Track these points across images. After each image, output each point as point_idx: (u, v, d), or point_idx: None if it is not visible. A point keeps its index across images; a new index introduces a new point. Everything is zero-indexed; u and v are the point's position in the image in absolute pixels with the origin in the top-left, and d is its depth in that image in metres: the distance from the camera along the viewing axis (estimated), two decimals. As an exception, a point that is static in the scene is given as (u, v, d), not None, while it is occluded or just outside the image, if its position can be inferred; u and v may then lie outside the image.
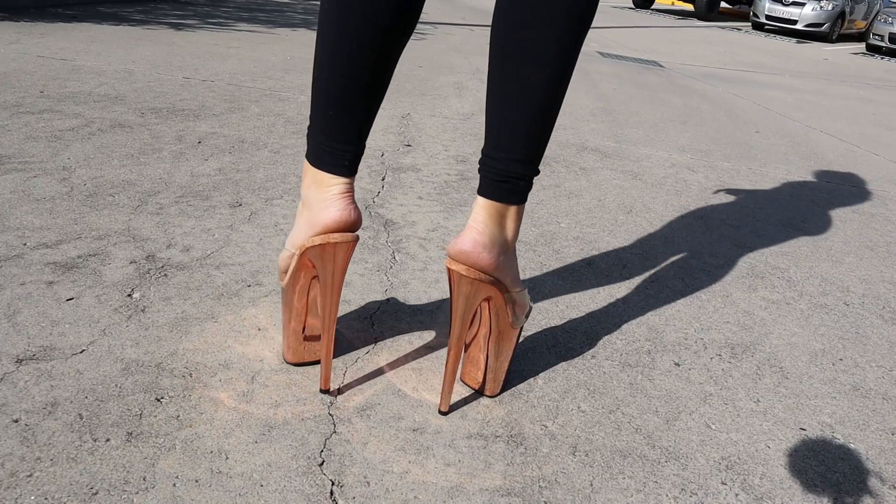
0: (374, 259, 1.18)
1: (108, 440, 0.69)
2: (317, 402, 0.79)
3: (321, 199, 0.73)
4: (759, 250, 1.48)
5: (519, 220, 0.74)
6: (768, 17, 10.62)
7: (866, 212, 1.89)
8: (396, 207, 1.43)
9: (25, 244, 1.05)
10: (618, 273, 1.26)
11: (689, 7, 13.12)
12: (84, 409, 0.73)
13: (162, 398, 0.76)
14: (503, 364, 0.82)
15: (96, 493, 0.63)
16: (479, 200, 0.72)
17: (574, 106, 2.84)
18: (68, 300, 0.92)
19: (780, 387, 0.96)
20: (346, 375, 0.85)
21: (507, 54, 0.68)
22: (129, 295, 0.96)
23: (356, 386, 0.83)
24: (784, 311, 1.20)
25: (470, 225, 0.72)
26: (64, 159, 1.42)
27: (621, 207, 1.64)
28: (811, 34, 10.48)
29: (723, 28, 10.45)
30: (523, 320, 0.80)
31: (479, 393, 0.85)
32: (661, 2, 14.26)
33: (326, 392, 0.80)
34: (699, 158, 2.24)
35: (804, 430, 0.87)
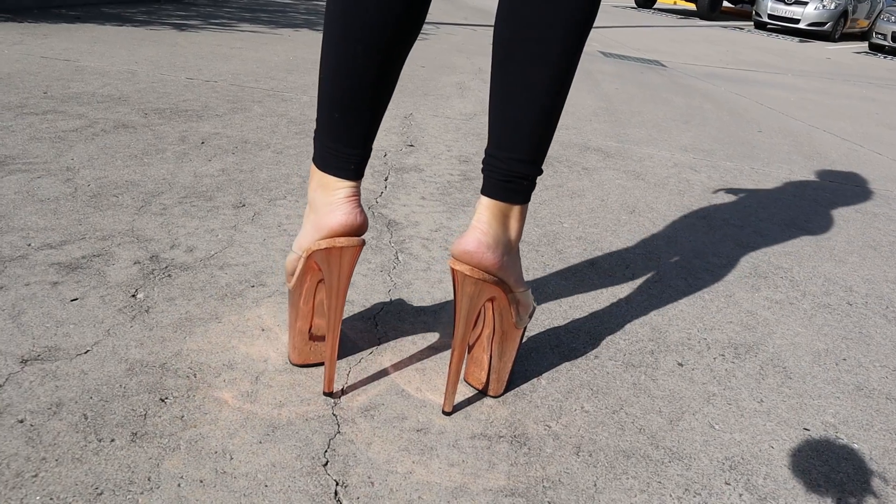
0: (378, 259, 1.18)
1: (113, 440, 0.69)
2: (321, 403, 0.79)
3: (327, 203, 0.73)
4: (762, 250, 1.48)
5: (522, 220, 0.74)
6: (771, 17, 10.61)
7: (869, 211, 1.89)
8: (399, 208, 1.43)
9: (30, 245, 1.06)
10: (621, 273, 1.26)
11: (692, 6, 13.10)
12: (89, 410, 0.73)
13: (166, 398, 0.76)
14: (507, 364, 0.82)
15: (101, 494, 0.63)
16: (483, 200, 0.72)
17: (576, 106, 2.84)
18: (73, 301, 0.93)
19: (784, 387, 0.96)
20: (350, 376, 0.85)
21: (510, 54, 0.68)
22: (134, 295, 0.96)
23: (360, 386, 0.83)
24: (787, 311, 1.20)
25: (474, 225, 0.72)
26: (68, 160, 1.43)
27: (624, 207, 1.64)
28: (814, 33, 10.46)
29: (725, 27, 10.43)
30: (527, 320, 0.81)
31: (483, 393, 0.85)
32: (663, 1, 14.25)
33: (330, 395, 0.80)
34: (702, 158, 2.24)
35: (808, 431, 0.87)
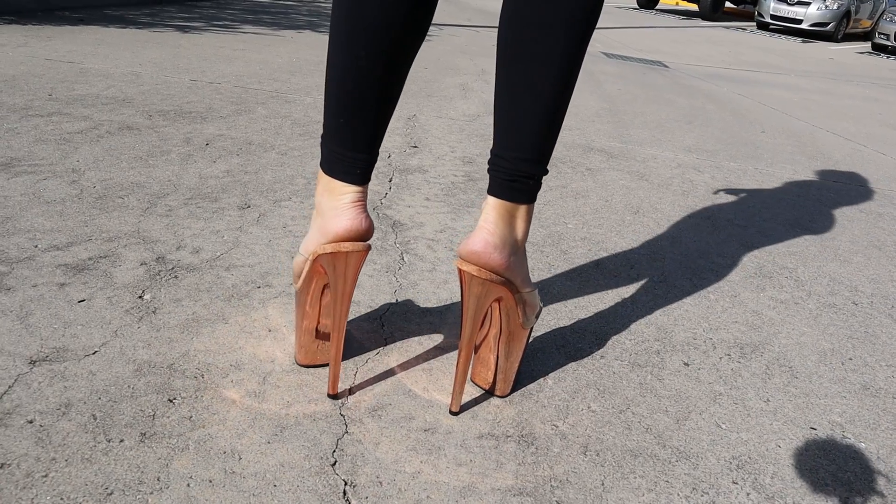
0: (383, 260, 1.18)
1: (122, 441, 0.70)
2: (328, 403, 0.80)
3: (333, 208, 0.74)
4: (767, 250, 1.48)
5: (529, 220, 0.74)
6: (773, 17, 10.60)
7: (873, 211, 1.88)
8: (404, 209, 1.43)
9: (37, 246, 1.06)
10: (626, 273, 1.26)
11: (694, 7, 13.10)
12: (97, 410, 0.73)
13: (174, 399, 0.77)
14: (513, 364, 0.82)
15: (111, 494, 0.63)
16: (490, 200, 0.72)
17: (579, 107, 2.84)
18: (80, 302, 0.93)
19: (790, 386, 0.96)
20: (357, 376, 0.85)
21: (514, 55, 0.68)
22: (140, 296, 0.97)
23: (367, 386, 0.84)
24: (792, 311, 1.20)
25: (480, 225, 0.72)
26: (73, 162, 1.43)
27: (628, 208, 1.64)
28: (816, 33, 10.45)
29: (727, 28, 10.43)
30: (533, 321, 0.81)
31: (490, 393, 0.85)
32: (666, 2, 14.24)
33: (334, 396, 0.80)
34: (705, 158, 2.24)
35: (814, 430, 0.87)
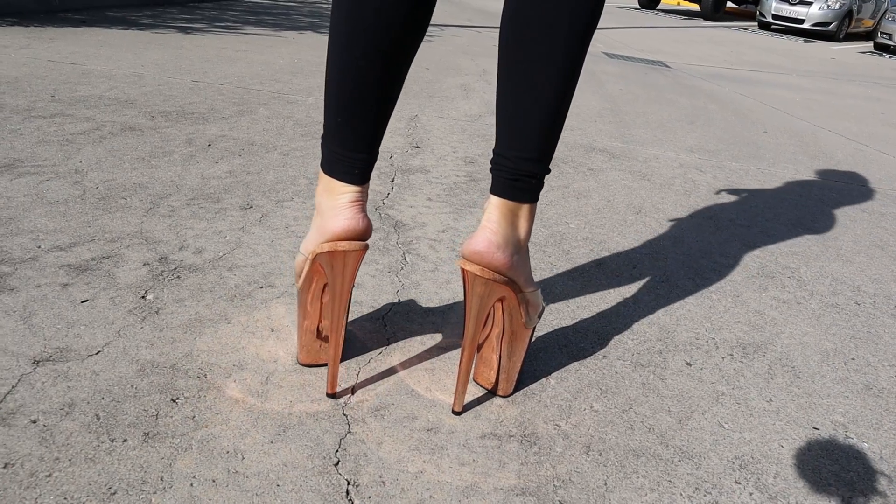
0: (385, 260, 1.18)
1: (126, 440, 0.70)
2: (331, 403, 0.80)
3: (331, 207, 0.74)
4: (769, 250, 1.48)
5: (531, 220, 0.74)
6: (775, 17, 10.59)
7: (876, 211, 1.88)
8: (406, 209, 1.43)
9: (40, 247, 1.06)
10: (628, 273, 1.26)
11: (695, 7, 13.09)
12: (101, 410, 0.73)
13: (177, 399, 0.77)
14: (516, 364, 0.82)
15: (115, 493, 0.63)
16: (492, 200, 0.72)
17: (581, 107, 2.84)
18: (83, 302, 0.93)
19: (793, 386, 0.96)
20: (360, 376, 0.85)
21: (516, 55, 0.68)
22: (143, 297, 0.97)
23: (370, 386, 0.84)
24: (795, 311, 1.20)
25: (483, 225, 0.72)
26: (76, 163, 1.43)
27: (630, 208, 1.64)
28: (818, 33, 10.44)
29: (729, 28, 10.42)
30: (536, 320, 0.81)
31: (492, 393, 0.85)
32: (667, 2, 14.24)
33: (333, 396, 0.80)
34: (707, 158, 2.24)
35: (817, 430, 0.87)
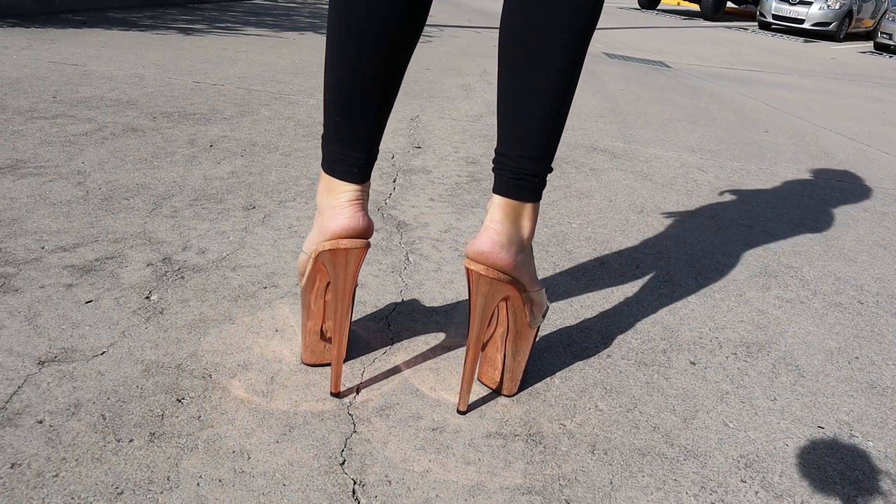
0: (388, 260, 1.18)
1: (132, 440, 0.70)
2: (336, 402, 0.80)
3: (332, 207, 0.74)
4: (772, 249, 1.48)
5: (534, 219, 0.74)
6: (775, 17, 10.59)
7: (878, 210, 1.88)
8: (408, 209, 1.43)
9: (43, 247, 1.06)
10: (631, 273, 1.26)
11: (695, 7, 13.09)
12: (107, 410, 0.73)
13: (183, 399, 0.77)
14: (520, 364, 0.82)
15: (122, 493, 0.63)
16: (495, 199, 0.73)
17: (582, 107, 2.84)
18: (87, 303, 0.93)
19: (797, 385, 0.96)
20: (364, 375, 0.86)
21: (516, 55, 0.68)
22: (147, 297, 0.97)
23: (375, 386, 0.84)
24: (798, 310, 1.20)
25: (487, 225, 0.72)
26: (78, 163, 1.43)
27: (632, 208, 1.64)
28: (818, 33, 10.44)
29: (729, 28, 10.43)
30: (540, 320, 0.81)
31: (497, 392, 0.85)
32: (667, 2, 14.24)
33: (337, 395, 0.80)
34: (709, 158, 2.24)
35: (822, 429, 0.87)
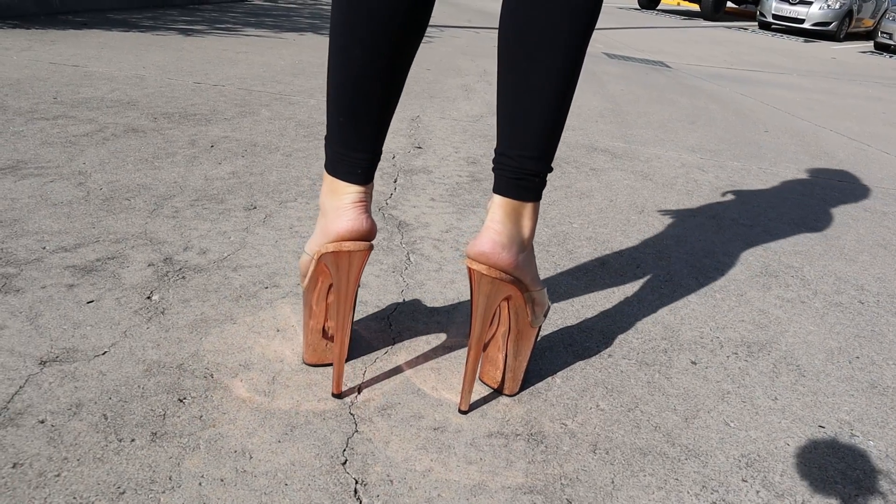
0: (389, 260, 1.18)
1: (134, 440, 0.70)
2: (338, 402, 0.80)
3: (335, 208, 0.74)
4: (772, 249, 1.48)
5: (535, 218, 0.74)
6: (775, 17, 10.59)
7: (878, 210, 1.88)
8: (409, 209, 1.43)
9: (45, 248, 1.07)
10: (632, 273, 1.27)
11: (695, 7, 13.09)
12: (108, 410, 0.74)
13: (184, 399, 0.77)
14: (522, 363, 0.82)
15: (124, 493, 0.63)
16: (496, 199, 0.73)
17: (582, 107, 2.84)
18: (89, 303, 0.93)
19: (798, 385, 0.96)
20: (366, 375, 0.86)
21: (515, 54, 0.69)
22: (149, 297, 0.97)
23: (376, 386, 0.84)
24: (799, 310, 1.20)
25: (487, 225, 0.72)
26: (79, 164, 1.43)
27: (633, 207, 1.64)
28: (818, 33, 10.44)
29: (729, 28, 10.43)
30: (542, 319, 0.81)
31: (498, 392, 0.85)
32: (667, 2, 14.24)
33: (339, 396, 0.81)
34: (709, 158, 2.24)
35: (823, 428, 0.87)
